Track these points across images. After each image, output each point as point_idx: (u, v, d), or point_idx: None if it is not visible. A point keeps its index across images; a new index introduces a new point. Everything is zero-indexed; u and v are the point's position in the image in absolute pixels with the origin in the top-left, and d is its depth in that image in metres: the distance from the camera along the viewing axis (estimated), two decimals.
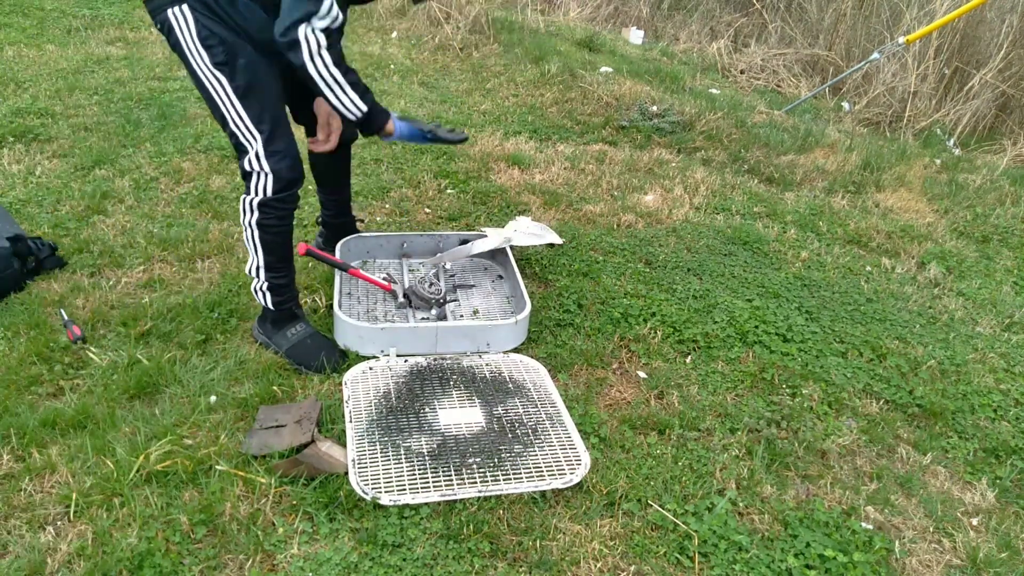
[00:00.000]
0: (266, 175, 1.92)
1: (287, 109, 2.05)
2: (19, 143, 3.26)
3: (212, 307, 2.27)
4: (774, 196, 3.60)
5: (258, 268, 2.05)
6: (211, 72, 1.83)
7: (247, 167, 1.93)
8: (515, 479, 1.73)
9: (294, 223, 2.06)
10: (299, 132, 2.12)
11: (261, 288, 2.07)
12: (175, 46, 1.85)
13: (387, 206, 3.07)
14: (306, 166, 2.07)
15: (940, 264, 3.07)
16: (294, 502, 1.64)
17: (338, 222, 2.58)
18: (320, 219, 2.60)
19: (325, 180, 2.47)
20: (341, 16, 1.79)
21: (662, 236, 3.02)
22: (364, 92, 1.92)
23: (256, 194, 1.94)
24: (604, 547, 1.61)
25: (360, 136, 2.30)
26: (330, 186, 2.49)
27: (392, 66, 4.91)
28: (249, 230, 1.99)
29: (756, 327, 2.41)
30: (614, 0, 7.09)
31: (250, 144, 1.90)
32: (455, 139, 2.21)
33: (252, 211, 1.96)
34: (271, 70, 1.91)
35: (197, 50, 1.82)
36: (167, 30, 1.84)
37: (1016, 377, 2.36)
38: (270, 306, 2.08)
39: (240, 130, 1.89)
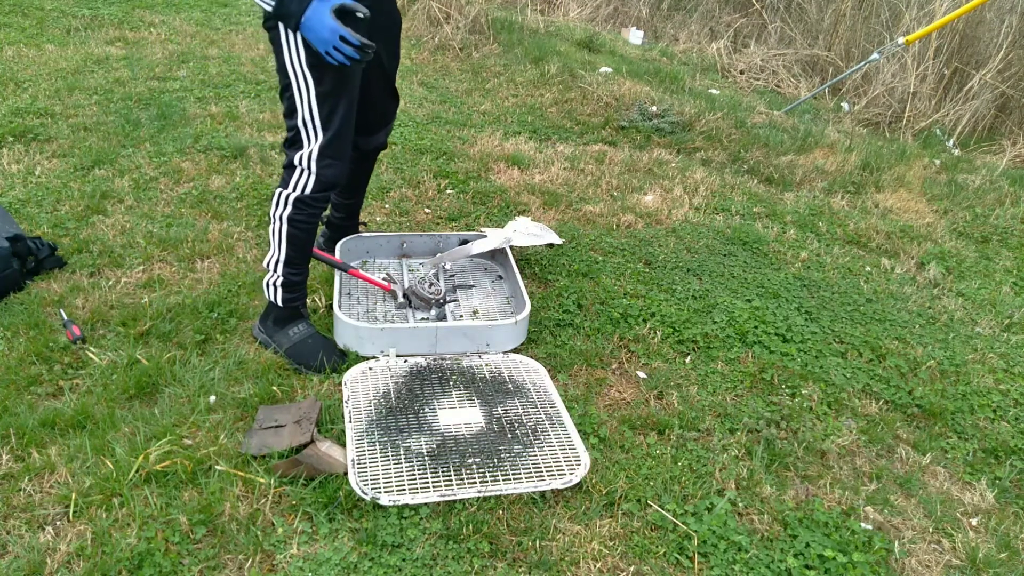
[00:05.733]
0: (310, 175, 1.92)
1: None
2: (19, 143, 3.26)
3: (211, 307, 2.27)
4: (773, 196, 3.60)
5: (277, 262, 2.05)
6: (303, 70, 1.82)
7: (295, 162, 1.92)
8: (515, 479, 1.73)
9: None
10: None
11: (275, 283, 2.07)
12: (274, 40, 1.82)
13: (387, 206, 3.07)
14: None
15: (939, 264, 3.07)
16: (294, 502, 1.64)
17: (345, 224, 2.59)
18: (327, 219, 2.61)
19: (346, 185, 2.43)
20: None
21: (662, 236, 3.02)
22: None
23: (294, 190, 1.95)
24: (604, 547, 1.61)
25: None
26: (348, 190, 2.48)
27: None
28: (278, 223, 1.99)
29: (756, 327, 2.41)
30: (614, 0, 7.09)
31: (308, 141, 1.90)
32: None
33: (286, 205, 1.97)
34: (357, 72, 1.89)
35: (296, 47, 1.79)
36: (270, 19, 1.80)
37: (1015, 377, 2.36)
38: (278, 302, 2.08)
39: (305, 127, 1.88)
